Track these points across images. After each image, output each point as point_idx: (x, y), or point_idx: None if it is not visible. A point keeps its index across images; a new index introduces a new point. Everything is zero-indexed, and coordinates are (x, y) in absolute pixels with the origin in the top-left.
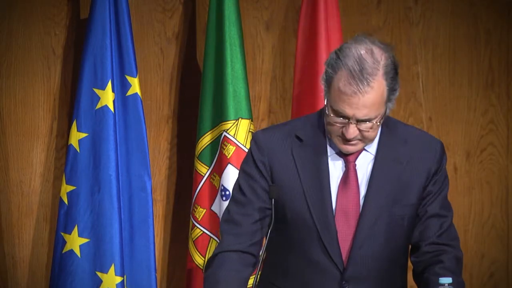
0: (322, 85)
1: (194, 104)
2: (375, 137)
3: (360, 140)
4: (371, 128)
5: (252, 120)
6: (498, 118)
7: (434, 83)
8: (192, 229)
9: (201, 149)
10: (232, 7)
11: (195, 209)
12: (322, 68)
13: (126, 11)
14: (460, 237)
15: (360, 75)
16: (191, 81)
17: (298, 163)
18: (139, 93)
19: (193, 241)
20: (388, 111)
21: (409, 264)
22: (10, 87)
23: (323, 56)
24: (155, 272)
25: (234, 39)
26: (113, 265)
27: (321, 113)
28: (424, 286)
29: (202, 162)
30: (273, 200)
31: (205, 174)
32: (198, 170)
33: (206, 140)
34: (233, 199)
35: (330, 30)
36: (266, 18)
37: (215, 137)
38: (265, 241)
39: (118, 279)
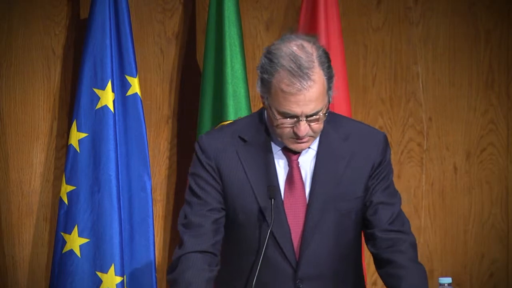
0: (259, 93)
1: (194, 104)
2: (321, 129)
3: (311, 136)
4: (318, 120)
5: None
6: (498, 118)
7: (434, 83)
8: None
9: None
10: (232, 7)
11: None
12: None
13: (126, 11)
14: (460, 237)
15: (300, 72)
16: (191, 81)
17: (244, 163)
18: (139, 93)
19: None
20: (330, 99)
21: (368, 260)
22: (10, 87)
23: None
24: (155, 272)
25: (234, 39)
26: (113, 265)
27: (262, 112)
28: (395, 281)
29: None
30: (272, 200)
31: None
32: None
33: None
34: (188, 203)
35: (330, 30)
36: (266, 18)
37: None
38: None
39: (118, 279)
